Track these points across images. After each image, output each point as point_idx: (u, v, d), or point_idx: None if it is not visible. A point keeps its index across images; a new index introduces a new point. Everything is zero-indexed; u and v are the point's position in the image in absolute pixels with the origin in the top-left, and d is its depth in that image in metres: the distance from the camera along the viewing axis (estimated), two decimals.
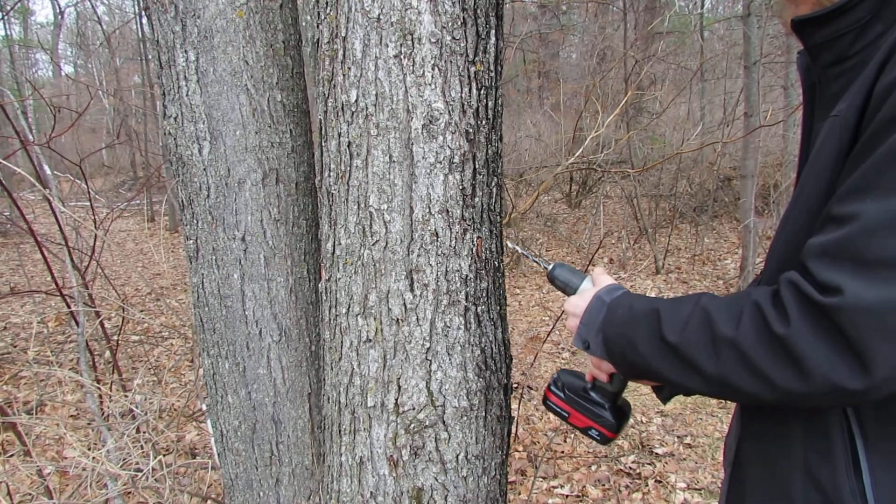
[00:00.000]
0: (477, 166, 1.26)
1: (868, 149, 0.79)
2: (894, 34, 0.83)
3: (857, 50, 0.90)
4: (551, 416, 4.34)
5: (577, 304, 1.14)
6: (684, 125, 11.28)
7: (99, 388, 2.58)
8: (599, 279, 1.18)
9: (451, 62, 1.19)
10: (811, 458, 0.90)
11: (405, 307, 1.26)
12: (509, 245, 1.34)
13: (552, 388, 1.33)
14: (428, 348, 1.28)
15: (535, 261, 1.44)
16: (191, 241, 1.62)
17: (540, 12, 17.27)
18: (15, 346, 5.72)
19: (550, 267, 1.29)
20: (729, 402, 4.36)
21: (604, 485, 3.45)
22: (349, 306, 1.31)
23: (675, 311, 0.94)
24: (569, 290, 1.25)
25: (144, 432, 2.21)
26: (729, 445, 1.14)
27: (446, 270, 1.26)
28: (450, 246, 1.26)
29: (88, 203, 3.43)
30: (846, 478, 0.86)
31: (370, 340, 1.29)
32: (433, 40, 1.17)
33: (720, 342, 0.86)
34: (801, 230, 0.90)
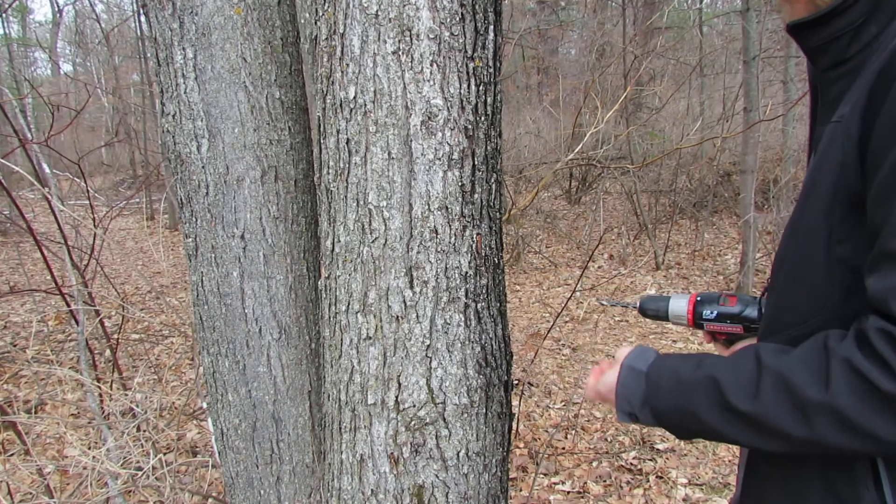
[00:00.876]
0: (476, 163, 1.26)
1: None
2: (855, 48, 0.83)
3: (853, 52, 0.90)
4: (552, 412, 4.34)
5: (608, 381, 1.07)
6: (684, 120, 11.26)
7: (99, 387, 2.58)
8: (619, 352, 1.11)
9: (449, 58, 1.19)
10: (830, 468, 0.89)
11: (405, 304, 1.26)
12: (597, 301, 1.36)
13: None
14: (428, 345, 1.28)
15: (623, 305, 1.48)
16: (190, 239, 1.62)
17: (539, 8, 17.24)
18: (15, 345, 5.72)
19: (638, 304, 1.35)
20: None
21: (605, 481, 3.46)
22: (349, 304, 1.30)
23: (737, 374, 0.88)
24: (660, 316, 1.31)
25: (145, 431, 2.21)
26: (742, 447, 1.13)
27: (446, 267, 1.26)
28: (449, 243, 1.25)
29: (88, 202, 3.42)
30: (866, 489, 0.85)
31: (370, 338, 1.29)
32: (431, 36, 1.17)
33: (810, 407, 0.80)
34: (812, 241, 0.89)
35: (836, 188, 0.85)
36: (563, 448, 3.85)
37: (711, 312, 1.26)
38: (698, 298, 1.28)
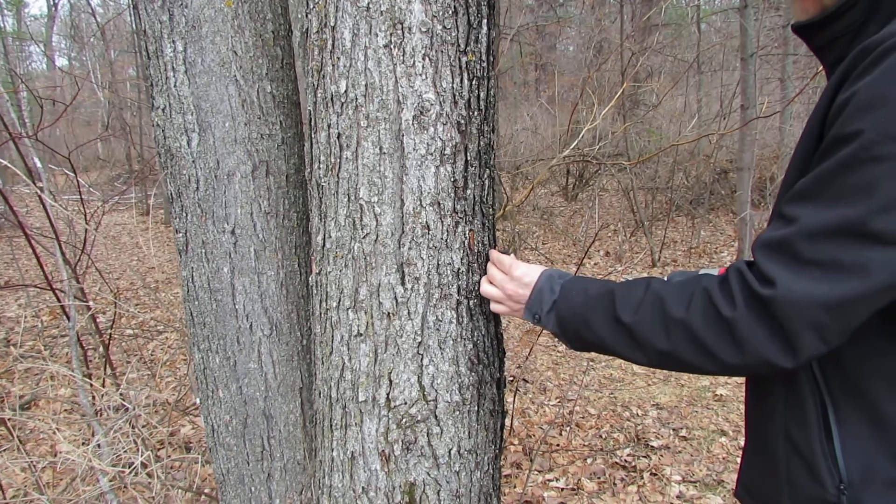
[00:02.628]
0: (469, 158, 1.24)
1: (819, 159, 0.89)
2: (855, 48, 0.89)
3: (852, 51, 0.95)
4: (546, 409, 4.34)
5: (528, 274, 1.21)
6: (681, 117, 11.26)
7: (90, 383, 2.56)
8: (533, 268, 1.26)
9: (442, 52, 1.17)
10: (790, 425, 1.02)
11: (396, 301, 1.25)
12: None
13: None
14: (419, 342, 1.26)
15: None
16: (180, 235, 1.60)
17: (536, 4, 17.20)
18: (8, 341, 5.70)
19: (666, 280, 1.35)
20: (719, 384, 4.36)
21: (599, 478, 3.45)
22: (340, 300, 1.29)
23: (628, 293, 1.05)
24: None
25: (135, 427, 2.19)
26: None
27: (438, 264, 1.25)
28: (441, 239, 1.24)
29: (80, 197, 3.40)
30: (818, 442, 0.97)
31: (361, 335, 1.28)
32: (423, 30, 1.15)
33: (671, 322, 0.98)
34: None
35: (803, 161, 0.96)
36: (558, 445, 3.84)
37: None
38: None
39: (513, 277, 1.22)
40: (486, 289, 1.28)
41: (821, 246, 0.85)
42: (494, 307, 1.28)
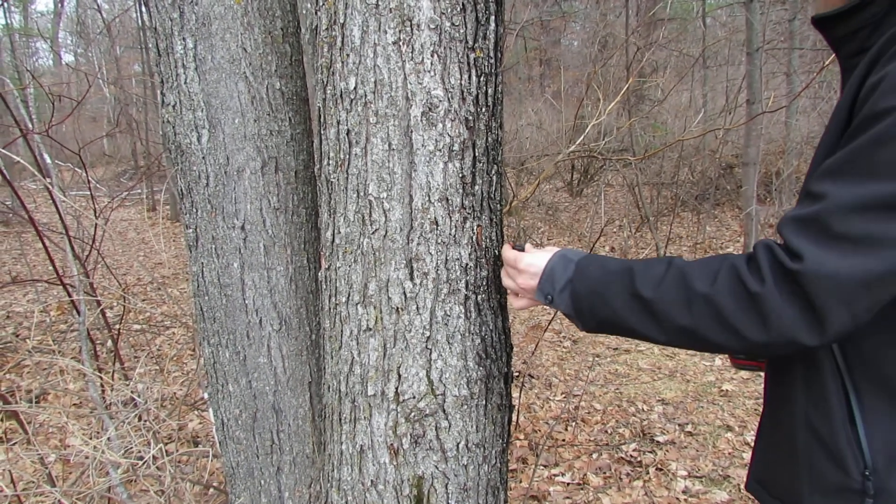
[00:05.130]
0: (477, 154, 1.25)
1: (849, 138, 0.89)
2: (885, 34, 0.90)
3: (873, 42, 0.96)
4: (552, 404, 4.36)
5: (534, 262, 1.19)
6: (686, 112, 11.23)
7: (100, 377, 2.58)
8: (532, 250, 1.25)
9: (450, 49, 1.18)
10: (811, 413, 1.01)
11: (405, 296, 1.26)
12: None
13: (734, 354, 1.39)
14: (428, 337, 1.28)
15: None
16: (190, 230, 1.62)
17: None
18: (18, 336, 5.74)
19: None
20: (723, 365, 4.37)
21: (605, 472, 3.46)
22: (349, 295, 1.30)
23: (649, 269, 1.04)
24: None
25: (145, 421, 2.21)
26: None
27: (446, 259, 1.26)
28: (450, 234, 1.25)
29: (89, 192, 3.42)
30: (842, 429, 0.97)
31: (370, 329, 1.29)
32: (432, 26, 1.16)
33: (695, 297, 0.96)
34: None
35: (830, 148, 0.95)
36: (564, 440, 3.86)
37: None
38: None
39: (520, 270, 1.21)
40: (505, 282, 1.28)
41: (851, 221, 0.84)
42: (516, 302, 1.27)
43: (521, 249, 1.27)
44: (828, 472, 1.00)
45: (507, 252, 1.26)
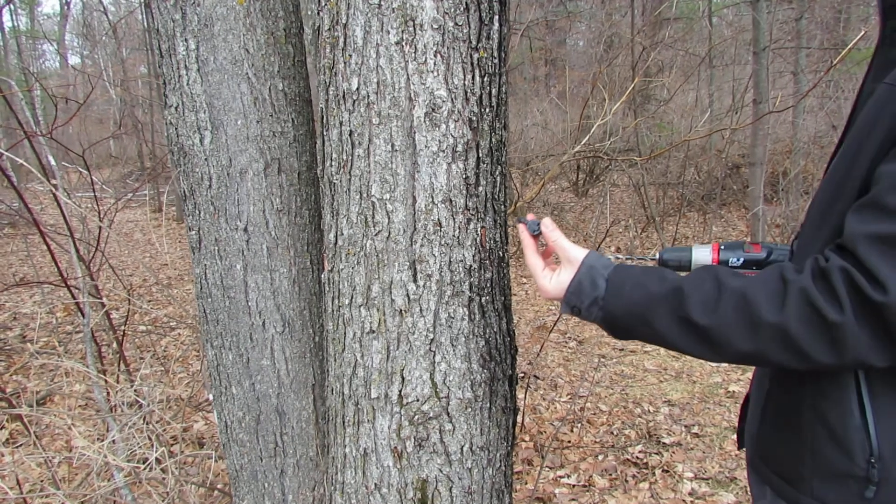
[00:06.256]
0: (480, 155, 1.24)
1: None
2: None
3: None
4: (557, 405, 4.34)
5: (561, 280, 1.12)
6: (692, 112, 11.19)
7: (105, 379, 2.58)
8: (573, 250, 1.15)
9: (453, 49, 1.17)
10: (819, 398, 1.00)
11: (408, 298, 1.25)
12: (613, 257, 1.34)
13: None
14: (431, 339, 1.27)
15: (640, 259, 1.47)
16: (193, 232, 1.61)
17: None
18: (24, 337, 5.76)
19: (658, 256, 1.33)
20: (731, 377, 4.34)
21: (610, 474, 3.45)
22: (352, 297, 1.29)
23: (698, 290, 0.97)
24: (683, 267, 1.30)
25: (149, 423, 2.21)
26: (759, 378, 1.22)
27: (450, 261, 1.25)
28: (453, 236, 1.24)
29: (93, 194, 3.42)
30: (850, 416, 0.96)
31: (373, 331, 1.28)
32: (435, 26, 1.15)
33: (763, 325, 0.90)
34: (844, 188, 0.94)
35: (882, 147, 0.89)
36: (569, 441, 3.84)
37: (738, 259, 1.28)
38: (722, 246, 1.30)
39: (542, 288, 1.16)
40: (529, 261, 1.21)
41: None
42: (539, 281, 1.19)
43: (536, 231, 1.22)
44: (832, 457, 0.99)
45: (530, 260, 1.20)
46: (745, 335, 0.92)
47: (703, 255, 1.29)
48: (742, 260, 1.27)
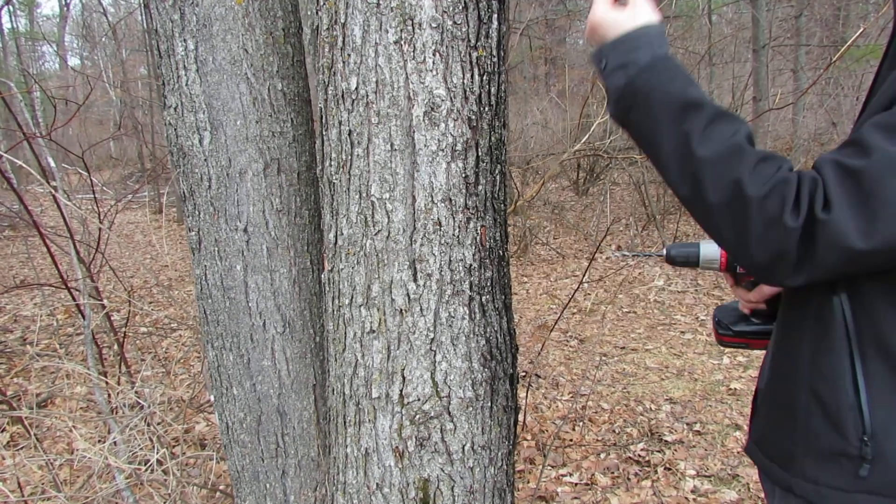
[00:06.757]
0: (480, 154, 1.24)
1: None
2: None
3: None
4: (559, 404, 4.34)
5: (619, 20, 1.05)
6: None
7: (106, 381, 2.58)
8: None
9: (452, 47, 1.17)
10: (815, 377, 1.01)
11: (409, 297, 1.25)
12: (618, 254, 1.34)
13: (719, 331, 1.38)
14: (432, 339, 1.26)
15: (647, 255, 1.46)
16: (193, 233, 1.61)
17: None
18: (25, 340, 5.76)
19: (665, 252, 1.34)
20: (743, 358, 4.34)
21: (613, 472, 3.44)
22: (352, 297, 1.29)
23: (718, 123, 0.95)
24: (690, 262, 1.31)
25: (151, 424, 2.21)
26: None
27: (450, 260, 1.24)
28: (453, 235, 1.24)
29: (93, 195, 3.42)
30: (844, 394, 0.97)
31: (374, 331, 1.28)
32: (434, 25, 1.15)
33: (737, 190, 0.90)
34: None
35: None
36: (571, 440, 3.84)
37: None
38: None
39: (597, 24, 1.08)
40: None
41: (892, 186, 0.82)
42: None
43: None
44: (825, 436, 1.00)
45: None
46: (721, 187, 0.92)
47: (711, 250, 1.30)
48: None
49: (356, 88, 1.19)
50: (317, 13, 1.25)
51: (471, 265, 1.27)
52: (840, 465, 0.99)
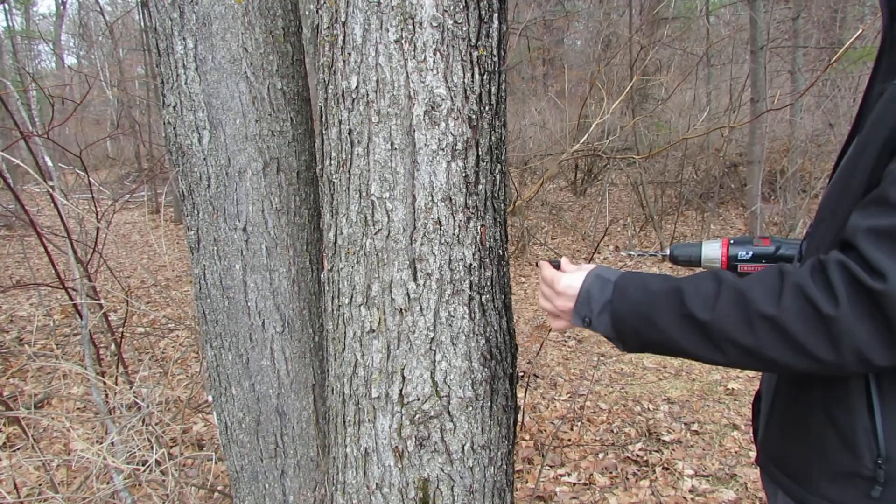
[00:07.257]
0: (480, 153, 1.24)
1: None
2: None
3: None
4: (557, 404, 4.34)
5: (571, 283, 1.14)
6: (690, 111, 11.19)
7: (103, 381, 2.57)
8: (569, 267, 1.21)
9: (453, 47, 1.17)
10: (829, 399, 1.00)
11: (408, 297, 1.25)
12: (625, 253, 1.35)
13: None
14: (432, 338, 1.26)
15: (652, 254, 1.47)
16: (192, 232, 1.61)
17: None
18: (21, 340, 5.74)
19: (668, 252, 1.34)
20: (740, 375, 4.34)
21: (611, 472, 3.45)
22: (352, 296, 1.29)
23: (698, 288, 0.98)
24: (693, 262, 1.31)
25: (148, 425, 2.20)
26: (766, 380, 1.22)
27: (450, 259, 1.24)
28: (453, 234, 1.24)
29: (91, 195, 3.41)
30: (860, 417, 0.96)
31: (373, 331, 1.28)
32: (434, 24, 1.15)
33: (759, 319, 0.90)
34: (852, 186, 0.94)
35: (886, 142, 0.89)
36: (569, 440, 3.84)
37: (747, 253, 1.28)
38: (731, 241, 1.30)
39: (558, 293, 1.17)
40: (542, 304, 1.24)
41: None
42: (554, 323, 1.23)
43: (558, 266, 1.23)
44: (839, 457, 1.00)
45: (546, 271, 1.22)
46: (743, 329, 0.92)
47: (712, 249, 1.30)
48: (751, 254, 1.27)
49: (356, 87, 1.19)
50: (317, 12, 1.24)
51: (471, 264, 1.27)
52: (854, 486, 0.99)
